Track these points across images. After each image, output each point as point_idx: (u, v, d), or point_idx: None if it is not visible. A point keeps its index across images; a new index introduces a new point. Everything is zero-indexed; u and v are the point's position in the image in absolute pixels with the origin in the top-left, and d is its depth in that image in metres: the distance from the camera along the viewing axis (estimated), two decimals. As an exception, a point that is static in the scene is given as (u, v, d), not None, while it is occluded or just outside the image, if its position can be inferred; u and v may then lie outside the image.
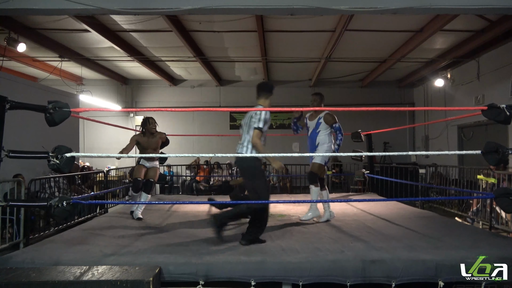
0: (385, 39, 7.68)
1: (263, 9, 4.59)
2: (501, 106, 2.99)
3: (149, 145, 4.77)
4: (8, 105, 2.70)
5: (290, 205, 5.34)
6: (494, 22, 6.64)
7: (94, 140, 11.49)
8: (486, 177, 5.52)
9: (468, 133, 9.31)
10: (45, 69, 9.46)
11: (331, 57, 8.44)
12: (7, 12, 4.48)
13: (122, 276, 2.42)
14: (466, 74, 8.95)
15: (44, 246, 3.22)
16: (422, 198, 6.98)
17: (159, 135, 4.88)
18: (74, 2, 4.16)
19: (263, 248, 3.07)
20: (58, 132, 4.84)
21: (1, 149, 2.64)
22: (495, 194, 3.19)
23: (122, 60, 9.42)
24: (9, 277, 2.43)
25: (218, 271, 2.70)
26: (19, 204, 4.08)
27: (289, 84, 11.73)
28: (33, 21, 6.79)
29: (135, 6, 4.33)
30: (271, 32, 7.38)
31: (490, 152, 2.98)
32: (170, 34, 7.18)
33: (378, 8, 4.28)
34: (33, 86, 7.47)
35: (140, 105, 11.78)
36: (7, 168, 4.66)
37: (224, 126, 11.85)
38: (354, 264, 2.73)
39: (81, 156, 5.25)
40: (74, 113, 2.88)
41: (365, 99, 11.60)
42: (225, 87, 11.91)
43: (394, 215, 4.61)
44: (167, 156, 4.41)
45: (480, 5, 4.25)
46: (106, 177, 6.87)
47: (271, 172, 10.88)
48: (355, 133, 6.08)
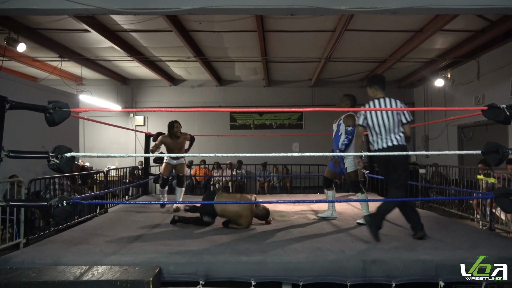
0: (385, 39, 7.68)
1: (263, 9, 4.59)
2: (501, 106, 2.99)
3: (175, 145, 5.23)
4: (8, 105, 2.69)
5: (290, 205, 5.34)
6: (494, 22, 6.64)
7: (94, 140, 11.50)
8: (486, 177, 5.52)
9: (468, 133, 9.31)
10: (45, 69, 9.46)
11: (331, 57, 8.44)
12: (7, 12, 4.48)
13: (122, 276, 2.41)
14: (466, 74, 8.95)
15: (44, 246, 3.22)
16: (422, 198, 6.99)
17: (184, 136, 5.35)
18: (74, 2, 4.16)
19: (263, 248, 3.06)
20: (58, 132, 4.84)
21: (1, 149, 2.64)
22: (495, 194, 3.19)
23: (122, 60, 9.42)
24: (9, 277, 2.43)
25: (218, 271, 2.70)
26: (19, 204, 4.09)
27: (289, 84, 11.74)
28: (33, 21, 6.79)
29: (135, 6, 4.33)
30: (271, 32, 7.38)
31: (490, 152, 2.98)
32: (170, 34, 7.18)
33: (378, 8, 4.28)
34: (33, 86, 7.47)
35: (140, 105, 11.78)
36: (7, 168, 4.68)
37: (224, 126, 11.85)
38: (354, 264, 2.73)
39: (81, 156, 5.25)
40: (74, 113, 2.88)
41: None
42: (225, 87, 11.91)
43: (394, 215, 4.60)
44: (166, 156, 4.42)
45: (480, 5, 4.24)
46: (106, 177, 6.87)
47: (271, 172, 10.89)
48: (355, 133, 6.06)
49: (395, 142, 3.38)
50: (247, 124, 11.94)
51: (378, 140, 3.44)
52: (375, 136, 3.47)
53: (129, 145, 11.74)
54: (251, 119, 11.94)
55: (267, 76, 10.84)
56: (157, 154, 5.19)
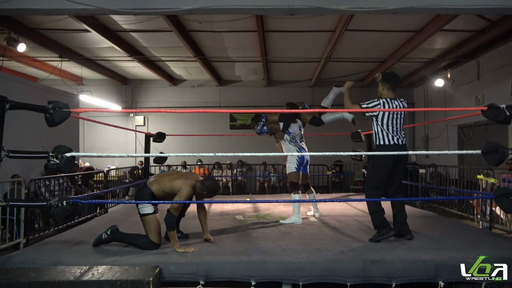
0: (385, 39, 7.68)
1: (263, 9, 4.59)
2: (501, 106, 2.99)
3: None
4: (8, 105, 2.69)
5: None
6: (494, 22, 6.64)
7: (94, 140, 11.50)
8: (486, 177, 5.52)
9: (468, 133, 9.31)
10: (45, 69, 9.46)
11: (331, 57, 8.44)
12: (7, 12, 4.47)
13: (122, 276, 2.41)
14: (466, 74, 8.95)
15: (44, 246, 3.22)
16: (422, 198, 6.98)
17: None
18: (74, 2, 4.16)
19: (263, 248, 3.06)
20: (58, 132, 4.85)
21: (1, 149, 2.64)
22: (495, 194, 3.20)
23: (122, 60, 9.42)
24: (9, 277, 2.43)
25: (218, 271, 2.70)
26: (19, 204, 4.09)
27: (289, 84, 11.74)
28: (33, 21, 6.78)
29: (135, 6, 4.33)
30: (271, 32, 7.38)
31: (490, 152, 2.98)
32: (170, 34, 7.18)
33: (378, 8, 4.28)
34: (33, 86, 7.48)
35: (140, 105, 11.78)
36: (7, 168, 4.68)
37: (224, 126, 11.85)
38: (354, 264, 2.73)
39: (81, 156, 5.26)
40: (74, 113, 2.88)
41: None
42: (225, 87, 11.91)
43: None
44: (166, 155, 4.42)
45: (480, 5, 4.25)
46: (106, 177, 6.88)
47: (271, 172, 10.89)
48: (355, 133, 6.07)
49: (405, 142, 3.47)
50: (247, 124, 11.95)
51: (392, 135, 3.42)
52: (384, 132, 3.46)
53: (129, 145, 11.75)
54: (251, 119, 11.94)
55: (267, 76, 10.84)
56: (157, 154, 5.19)
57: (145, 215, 3.17)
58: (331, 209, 5.18)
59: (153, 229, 3.14)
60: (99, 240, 3.22)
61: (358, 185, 9.76)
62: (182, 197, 3.09)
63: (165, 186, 3.23)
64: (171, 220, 3.02)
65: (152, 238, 3.12)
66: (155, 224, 3.16)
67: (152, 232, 3.14)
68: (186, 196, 3.11)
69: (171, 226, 3.03)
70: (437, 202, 7.03)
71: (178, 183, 3.17)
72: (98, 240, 3.22)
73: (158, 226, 3.18)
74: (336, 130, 8.16)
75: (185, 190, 3.11)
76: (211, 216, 4.68)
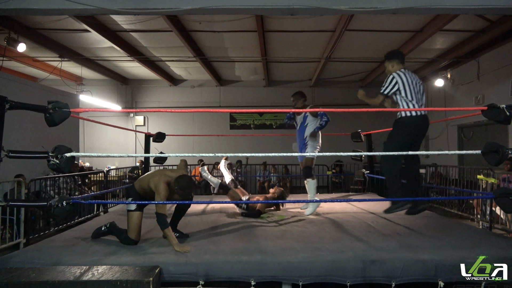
0: (385, 39, 7.68)
1: (263, 9, 4.59)
2: (501, 106, 2.99)
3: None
4: (8, 105, 2.69)
5: (290, 205, 5.33)
6: (494, 22, 6.64)
7: (94, 140, 11.50)
8: (486, 177, 5.52)
9: (468, 133, 9.31)
10: (45, 69, 9.47)
11: (331, 57, 8.45)
12: (7, 12, 4.48)
13: (122, 276, 2.42)
14: (466, 74, 8.95)
15: (44, 246, 3.22)
16: (422, 198, 6.97)
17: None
18: (74, 2, 4.16)
19: (263, 248, 3.06)
20: (58, 132, 4.84)
21: (1, 149, 2.64)
22: (495, 194, 3.19)
23: (122, 60, 9.42)
24: (9, 277, 2.43)
25: (218, 271, 2.70)
26: (19, 204, 4.09)
27: (289, 84, 11.74)
28: (33, 21, 6.79)
29: (135, 6, 4.33)
30: (271, 32, 7.38)
31: (490, 152, 2.98)
32: (170, 34, 7.18)
33: (378, 8, 4.29)
34: (33, 86, 7.48)
35: (140, 105, 11.79)
36: (7, 168, 4.68)
37: (224, 126, 11.86)
38: (354, 264, 2.73)
39: (81, 156, 5.26)
40: (74, 113, 2.88)
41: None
42: (225, 87, 11.92)
43: (394, 215, 4.61)
44: (166, 156, 4.41)
45: (480, 5, 4.25)
46: (106, 177, 6.87)
47: (271, 172, 10.88)
48: (355, 133, 6.07)
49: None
50: (247, 124, 11.96)
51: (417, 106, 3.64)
52: (409, 103, 3.62)
53: (129, 145, 11.75)
54: (251, 119, 11.96)
55: (267, 76, 10.85)
56: (157, 154, 5.19)
57: (129, 211, 3.30)
58: (331, 208, 5.18)
59: (131, 225, 3.25)
60: (98, 232, 3.43)
61: (358, 185, 9.75)
62: (160, 194, 3.15)
63: (144, 183, 3.36)
64: (161, 219, 3.08)
65: (129, 235, 3.22)
66: (135, 221, 3.25)
67: (130, 228, 3.24)
68: (162, 191, 3.16)
69: (163, 224, 3.09)
70: (437, 202, 7.03)
71: (155, 180, 3.26)
72: (98, 232, 3.43)
73: (138, 224, 3.27)
74: (336, 130, 8.16)
75: (160, 186, 3.18)
76: (210, 213, 4.69)
